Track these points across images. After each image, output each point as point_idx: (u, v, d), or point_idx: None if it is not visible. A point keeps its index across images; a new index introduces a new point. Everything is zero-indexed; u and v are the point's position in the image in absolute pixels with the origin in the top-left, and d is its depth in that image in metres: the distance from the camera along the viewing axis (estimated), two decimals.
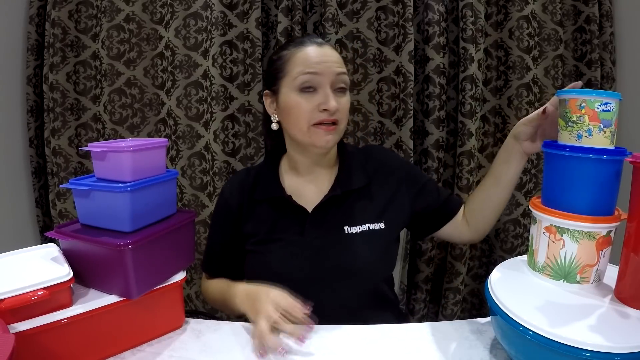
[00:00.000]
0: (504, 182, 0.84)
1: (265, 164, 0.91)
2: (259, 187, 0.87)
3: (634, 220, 0.57)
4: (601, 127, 0.61)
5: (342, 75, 0.80)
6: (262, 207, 0.86)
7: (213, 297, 0.92)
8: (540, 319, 0.53)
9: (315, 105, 0.78)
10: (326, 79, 0.78)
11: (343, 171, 0.87)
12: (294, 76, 0.79)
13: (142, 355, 0.66)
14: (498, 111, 1.30)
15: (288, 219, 0.84)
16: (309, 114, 0.78)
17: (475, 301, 1.38)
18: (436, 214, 0.91)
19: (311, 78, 0.78)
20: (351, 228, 0.82)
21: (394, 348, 0.67)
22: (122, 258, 0.63)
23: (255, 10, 1.22)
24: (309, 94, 0.79)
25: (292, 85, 0.79)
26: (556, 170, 0.64)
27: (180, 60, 1.26)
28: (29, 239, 1.36)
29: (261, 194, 0.86)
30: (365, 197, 0.85)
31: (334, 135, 0.80)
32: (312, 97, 0.78)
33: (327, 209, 0.83)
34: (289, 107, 0.80)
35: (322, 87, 0.78)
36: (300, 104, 0.79)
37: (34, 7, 1.26)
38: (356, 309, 0.80)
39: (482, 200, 0.88)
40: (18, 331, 0.55)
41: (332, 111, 0.78)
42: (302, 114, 0.79)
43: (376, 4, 1.23)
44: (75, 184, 0.69)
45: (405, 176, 0.89)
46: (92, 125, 1.31)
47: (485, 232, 0.92)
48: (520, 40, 1.23)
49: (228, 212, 0.89)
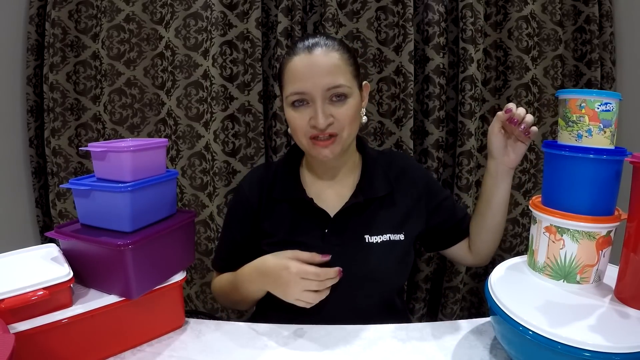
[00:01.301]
0: (495, 204, 0.82)
1: (286, 163, 0.89)
2: (279, 186, 0.85)
3: (634, 220, 0.57)
4: (601, 127, 0.61)
5: (334, 89, 0.75)
6: (281, 207, 0.84)
7: (223, 291, 0.88)
8: (540, 319, 0.53)
9: (307, 119, 0.76)
10: (315, 94, 0.75)
11: (365, 177, 0.85)
12: (286, 94, 0.78)
13: (142, 355, 0.66)
14: (497, 111, 1.30)
15: (308, 222, 0.82)
16: (303, 129, 0.77)
17: (475, 300, 1.39)
18: (448, 232, 0.90)
19: (299, 96, 0.76)
20: (372, 237, 0.81)
21: (394, 348, 0.67)
22: (122, 258, 0.63)
23: (255, 10, 1.22)
24: (301, 107, 0.77)
25: (286, 101, 0.79)
26: (556, 170, 0.64)
27: (181, 60, 1.25)
28: (29, 239, 1.36)
29: (281, 194, 0.84)
30: (386, 206, 0.84)
31: (333, 147, 0.77)
32: (304, 111, 0.77)
33: (349, 216, 0.81)
34: (288, 120, 0.80)
35: (313, 100, 0.75)
36: (295, 119, 0.78)
37: (34, 7, 1.26)
38: (366, 316, 0.79)
39: (478, 225, 0.86)
40: (18, 331, 0.55)
41: (321, 127, 0.75)
42: (298, 129, 0.78)
43: (376, 4, 1.23)
44: (75, 184, 0.69)
45: (425, 189, 0.87)
46: (92, 125, 1.31)
47: (487, 257, 0.90)
48: (520, 41, 1.23)
49: (248, 207, 0.87)
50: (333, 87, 0.75)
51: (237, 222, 0.89)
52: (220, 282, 0.90)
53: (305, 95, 0.75)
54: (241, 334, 0.72)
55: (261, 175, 0.90)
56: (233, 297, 0.86)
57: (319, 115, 0.74)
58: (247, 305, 0.87)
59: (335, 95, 0.76)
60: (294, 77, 0.76)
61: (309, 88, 0.75)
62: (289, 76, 0.77)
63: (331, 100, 0.76)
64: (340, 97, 0.76)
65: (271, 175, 0.88)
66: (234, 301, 0.88)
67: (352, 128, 0.79)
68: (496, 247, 0.89)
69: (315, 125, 0.75)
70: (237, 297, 0.84)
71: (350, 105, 0.77)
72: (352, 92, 0.78)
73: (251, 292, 0.80)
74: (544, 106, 1.28)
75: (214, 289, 0.93)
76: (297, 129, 0.78)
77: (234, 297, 0.86)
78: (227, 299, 0.89)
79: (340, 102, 0.76)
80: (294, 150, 0.90)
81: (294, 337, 0.71)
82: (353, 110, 0.78)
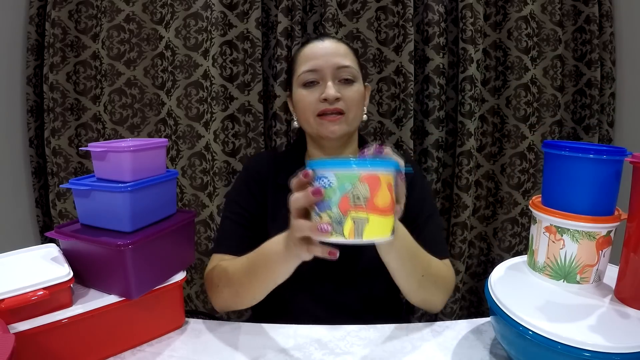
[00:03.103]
0: (392, 270, 0.71)
1: (291, 151, 0.93)
2: (284, 172, 0.83)
3: (634, 220, 0.57)
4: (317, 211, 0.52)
5: (344, 68, 0.81)
6: (284, 194, 0.79)
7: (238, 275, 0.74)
8: (540, 319, 0.53)
9: (317, 96, 0.81)
10: (326, 72, 0.81)
11: None
12: (298, 74, 0.84)
13: (142, 355, 0.66)
14: (497, 111, 1.31)
15: None
16: (312, 105, 0.81)
17: (474, 299, 1.39)
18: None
19: (312, 74, 0.82)
20: None
21: (394, 348, 0.67)
22: (122, 258, 0.63)
23: (255, 10, 1.22)
24: (312, 87, 0.82)
25: (297, 82, 0.84)
26: (556, 170, 0.64)
27: (181, 60, 1.26)
28: (29, 239, 1.36)
29: (285, 180, 0.80)
30: None
31: (340, 125, 0.81)
32: (314, 89, 0.82)
33: None
34: (297, 102, 0.85)
35: (323, 79, 0.81)
36: (305, 97, 0.82)
37: (34, 7, 1.26)
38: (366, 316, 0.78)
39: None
40: (18, 331, 0.55)
41: (330, 100, 0.79)
42: (307, 105, 0.82)
43: (376, 4, 1.23)
44: (75, 184, 0.69)
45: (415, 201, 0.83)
46: (92, 125, 1.31)
47: (423, 306, 0.79)
48: (519, 41, 1.24)
49: (259, 180, 0.88)
50: (343, 67, 0.81)
51: (248, 194, 0.86)
52: (235, 265, 0.75)
53: (316, 73, 0.81)
54: (241, 334, 0.72)
55: (269, 157, 0.93)
56: (252, 279, 0.72)
57: (330, 87, 0.80)
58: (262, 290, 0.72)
59: (344, 78, 0.82)
60: (307, 57, 0.83)
61: (320, 65, 0.81)
62: (302, 59, 0.84)
63: (340, 81, 0.82)
64: (348, 80, 0.82)
65: (277, 160, 0.91)
66: (251, 285, 0.73)
67: (357, 111, 0.84)
68: (414, 294, 0.76)
69: (326, 97, 0.79)
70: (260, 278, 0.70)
71: (357, 89, 0.83)
72: (358, 79, 0.84)
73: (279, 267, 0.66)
74: (543, 106, 1.28)
75: (217, 275, 0.79)
76: (306, 107, 0.82)
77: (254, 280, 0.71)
78: (241, 284, 0.74)
79: (348, 84, 0.82)
80: (299, 142, 0.94)
81: (294, 337, 0.71)
82: (359, 95, 0.84)
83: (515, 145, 1.28)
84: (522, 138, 1.28)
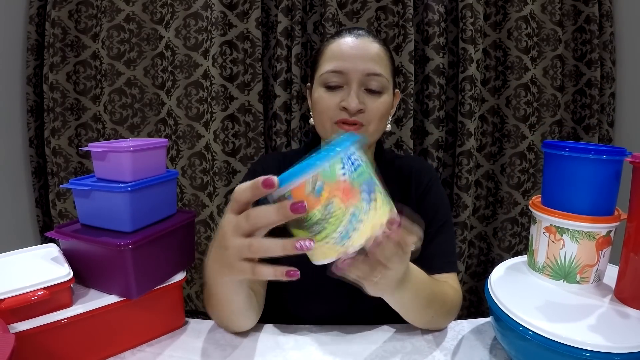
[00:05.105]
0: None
1: (303, 153, 0.83)
2: None
3: (634, 220, 0.57)
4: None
5: (374, 76, 0.72)
6: None
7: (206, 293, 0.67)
8: (540, 319, 0.53)
9: (337, 101, 0.73)
10: (352, 77, 0.72)
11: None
12: (321, 72, 0.75)
13: (142, 355, 0.66)
14: (496, 111, 1.31)
15: None
16: (331, 111, 0.73)
17: (474, 299, 1.39)
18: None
19: (336, 76, 0.73)
20: None
21: (394, 348, 0.67)
22: (122, 258, 0.63)
23: (255, 10, 1.22)
24: (334, 90, 0.74)
25: (319, 80, 0.75)
26: (556, 170, 0.64)
27: (181, 60, 1.26)
28: (29, 239, 1.36)
29: None
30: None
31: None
32: (337, 93, 0.73)
33: None
34: (315, 101, 0.77)
35: (348, 84, 0.73)
36: (324, 100, 0.74)
37: (34, 7, 1.26)
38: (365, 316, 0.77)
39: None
40: (18, 331, 0.55)
41: (351, 111, 0.71)
42: (325, 110, 0.74)
43: (376, 4, 1.23)
44: (75, 184, 0.69)
45: (425, 189, 0.82)
46: (92, 125, 1.31)
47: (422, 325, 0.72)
48: (519, 41, 1.24)
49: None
50: (373, 74, 0.72)
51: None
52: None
53: (342, 75, 0.72)
54: (241, 335, 0.72)
55: (279, 161, 0.86)
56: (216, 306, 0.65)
57: (353, 97, 0.71)
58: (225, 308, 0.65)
59: (372, 87, 0.73)
60: (334, 55, 0.73)
61: (348, 68, 0.72)
62: (329, 55, 0.74)
63: (367, 90, 0.73)
64: (376, 90, 0.74)
65: (288, 161, 0.83)
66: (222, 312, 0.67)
67: (379, 125, 0.75)
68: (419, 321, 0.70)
69: (346, 106, 0.71)
70: (214, 299, 0.63)
71: (383, 101, 0.74)
72: (387, 90, 0.75)
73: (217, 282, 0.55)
74: (543, 106, 1.28)
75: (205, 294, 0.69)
76: (324, 110, 0.74)
77: (219, 308, 0.65)
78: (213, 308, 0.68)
79: (375, 95, 0.74)
80: (311, 144, 0.88)
81: (294, 337, 0.71)
82: (385, 107, 0.75)
83: (515, 145, 1.29)
84: (522, 138, 1.28)
